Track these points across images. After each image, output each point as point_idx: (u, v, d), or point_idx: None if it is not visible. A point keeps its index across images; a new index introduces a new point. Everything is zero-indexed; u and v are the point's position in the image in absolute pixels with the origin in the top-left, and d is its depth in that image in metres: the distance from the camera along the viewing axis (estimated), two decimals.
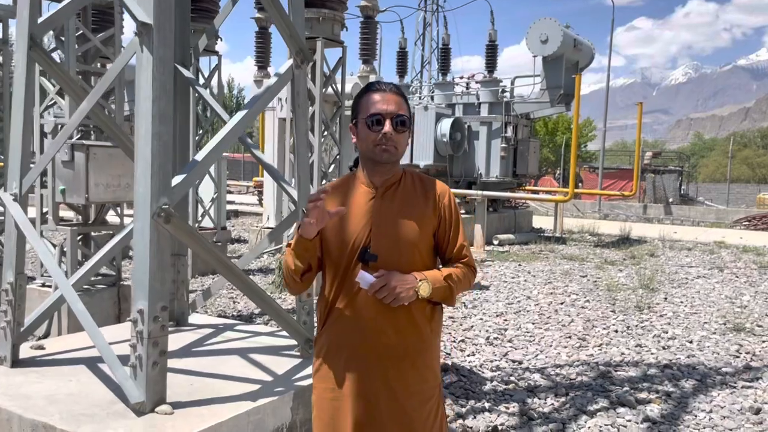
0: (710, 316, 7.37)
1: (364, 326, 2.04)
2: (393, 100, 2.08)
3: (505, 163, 14.90)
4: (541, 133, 40.74)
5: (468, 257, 2.15)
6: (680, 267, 11.39)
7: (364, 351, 2.05)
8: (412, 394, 2.06)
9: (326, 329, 2.13)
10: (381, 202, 2.09)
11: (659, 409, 4.36)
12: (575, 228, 17.69)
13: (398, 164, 2.17)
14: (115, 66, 3.39)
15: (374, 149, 2.07)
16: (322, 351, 2.13)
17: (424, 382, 2.09)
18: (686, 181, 37.07)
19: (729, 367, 5.40)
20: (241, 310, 7.23)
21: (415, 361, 2.07)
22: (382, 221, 2.07)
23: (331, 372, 2.09)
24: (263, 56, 12.36)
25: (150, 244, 3.04)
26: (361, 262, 2.03)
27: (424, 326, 2.09)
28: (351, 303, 2.06)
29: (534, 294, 8.48)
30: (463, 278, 2.10)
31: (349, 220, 2.07)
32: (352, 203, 2.10)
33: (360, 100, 2.12)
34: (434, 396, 2.12)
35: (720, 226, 21.98)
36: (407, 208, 2.10)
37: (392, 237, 2.05)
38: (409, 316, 2.05)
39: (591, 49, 15.56)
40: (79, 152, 5.53)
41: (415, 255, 2.08)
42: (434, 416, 2.10)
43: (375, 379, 2.04)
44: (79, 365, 3.74)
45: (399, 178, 2.15)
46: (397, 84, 2.18)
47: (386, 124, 2.04)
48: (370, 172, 2.13)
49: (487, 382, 4.84)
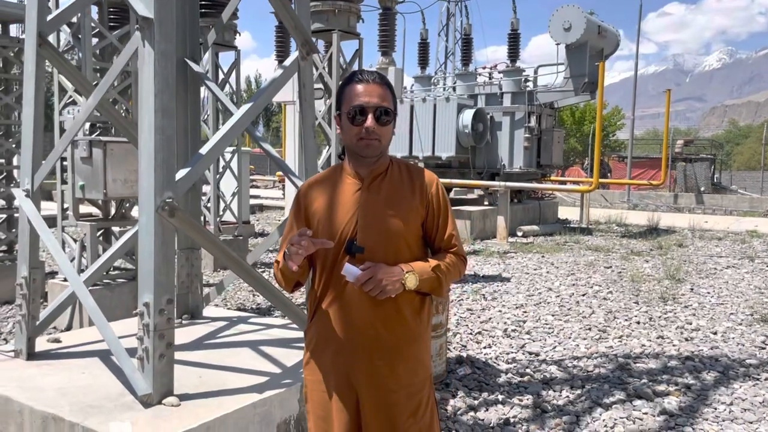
0: (737, 307, 7.19)
1: (351, 319, 2.02)
2: (375, 92, 2.02)
3: (529, 154, 14.72)
4: (568, 123, 40.15)
5: (457, 246, 2.11)
6: (709, 257, 11.14)
7: (352, 344, 2.02)
8: (401, 387, 2.03)
9: (315, 322, 2.11)
10: (367, 193, 2.06)
11: (677, 402, 4.26)
12: (602, 219, 17.42)
13: (385, 154, 2.13)
14: (118, 61, 3.42)
15: (357, 143, 2.03)
16: (311, 344, 2.12)
17: (413, 375, 2.06)
18: (719, 169, 36.21)
19: (753, 358, 5.26)
20: (260, 303, 7.27)
21: (404, 354, 2.04)
22: (368, 213, 2.03)
23: (320, 365, 2.08)
24: (283, 50, 12.40)
25: (155, 238, 3.06)
26: (348, 254, 2.01)
27: (412, 318, 2.06)
28: (339, 296, 2.04)
29: (556, 285, 8.37)
30: (452, 268, 2.06)
31: (335, 212, 2.05)
32: (338, 195, 2.07)
33: (342, 92, 2.07)
34: (424, 388, 2.09)
35: (753, 215, 21.43)
36: (394, 198, 2.06)
37: (379, 228, 2.02)
38: (396, 309, 2.02)
39: (616, 36, 15.26)
40: (97, 148, 5.61)
41: (402, 246, 2.04)
42: (424, 408, 2.07)
43: (362, 372, 2.02)
44: (93, 358, 3.79)
45: (386, 168, 2.11)
46: (380, 73, 2.13)
47: (368, 117, 1.99)
48: (356, 164, 2.10)
49: (502, 375, 4.79)
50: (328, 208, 2.06)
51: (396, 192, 2.07)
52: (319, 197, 2.10)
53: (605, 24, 14.72)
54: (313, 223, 2.08)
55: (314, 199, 2.10)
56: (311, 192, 2.13)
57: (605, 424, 3.92)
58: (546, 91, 14.93)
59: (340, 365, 2.04)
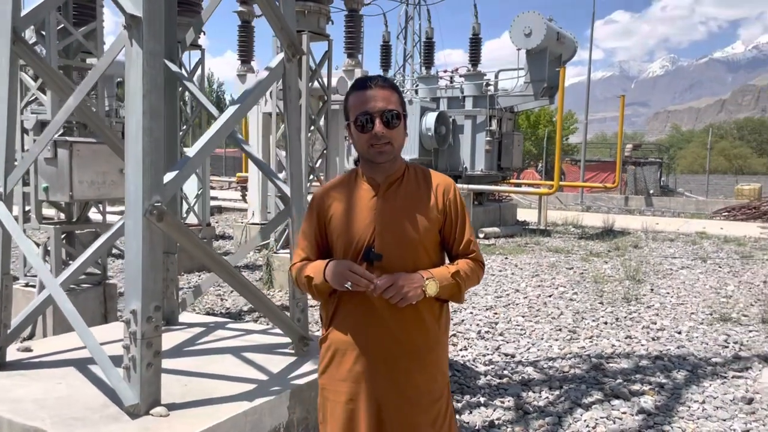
0: (696, 307, 7.43)
1: (371, 327, 2.00)
2: (381, 96, 2.00)
3: (490, 157, 14.91)
4: (523, 126, 40.90)
5: (476, 252, 2.11)
6: (664, 258, 11.49)
7: (372, 352, 2.00)
8: (422, 394, 2.02)
9: (332, 329, 2.08)
10: (384, 199, 2.04)
11: (653, 401, 4.37)
12: (559, 220, 17.79)
13: (399, 159, 2.12)
14: (102, 61, 3.30)
15: (369, 150, 2.01)
16: (328, 352, 2.08)
17: (433, 381, 2.05)
18: (666, 172, 37.42)
19: (718, 357, 5.44)
20: (229, 308, 7.15)
21: (424, 361, 2.03)
22: (385, 219, 2.02)
23: (338, 372, 2.05)
24: (246, 50, 12.23)
25: (143, 243, 2.97)
26: (366, 261, 1.99)
27: (432, 324, 2.05)
28: (358, 303, 2.01)
29: (522, 287, 8.50)
30: (471, 274, 2.06)
31: (353, 220, 2.02)
32: (354, 202, 2.05)
33: (348, 101, 2.06)
34: (444, 395, 2.08)
35: (700, 217, 22.24)
36: (411, 204, 2.05)
37: (397, 235, 2.00)
38: (417, 315, 2.01)
39: (574, 42, 15.61)
40: (63, 149, 5.41)
41: (421, 252, 2.03)
42: (444, 415, 2.06)
43: (384, 379, 2.00)
44: (68, 367, 3.65)
45: (402, 173, 2.10)
46: (383, 76, 2.12)
47: (376, 123, 1.98)
48: (371, 170, 2.08)
49: (481, 377, 4.83)
50: (344, 216, 2.03)
51: (413, 198, 2.05)
52: (334, 204, 2.07)
53: (563, 30, 15.04)
54: (330, 230, 2.05)
55: (330, 206, 2.07)
56: (327, 199, 2.10)
57: (587, 425, 3.99)
58: (506, 95, 15.15)
59: (359, 373, 2.01)
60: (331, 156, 8.50)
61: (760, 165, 57.93)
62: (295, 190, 3.98)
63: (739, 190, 28.28)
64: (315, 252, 2.11)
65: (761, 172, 52.12)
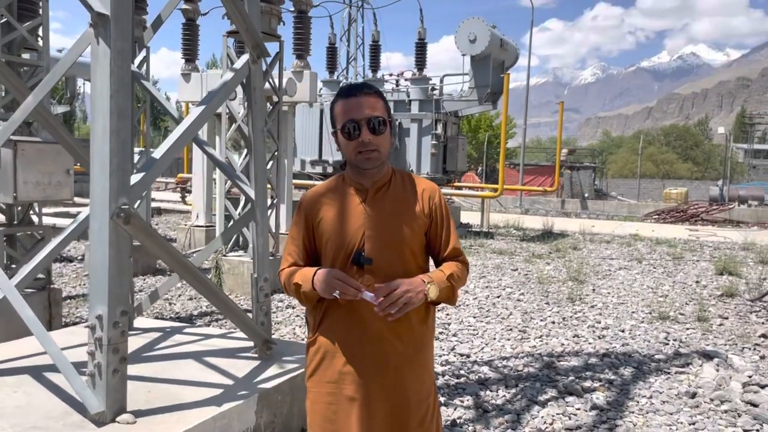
0: (636, 306, 7.77)
1: (361, 330, 2.02)
2: (365, 103, 2.02)
3: (436, 160, 15.13)
4: (465, 131, 41.61)
5: (462, 255, 2.17)
6: (602, 259, 11.94)
7: (361, 354, 2.03)
8: (410, 394, 2.06)
9: (321, 334, 2.09)
10: (372, 204, 2.08)
11: (604, 397, 4.56)
12: (501, 223, 18.20)
13: (386, 164, 2.16)
14: (65, 60, 3.20)
15: (356, 157, 2.04)
16: (317, 355, 2.09)
17: (421, 382, 2.09)
18: (599, 176, 38.84)
19: (661, 354, 5.72)
20: (179, 312, 7.00)
21: (412, 362, 2.08)
22: (374, 224, 2.05)
23: (327, 376, 2.07)
24: (191, 49, 11.98)
25: (109, 246, 2.90)
26: (356, 265, 2.02)
27: (420, 327, 2.09)
28: (347, 308, 2.03)
29: (471, 288, 8.66)
30: (461, 275, 2.12)
31: (342, 224, 2.05)
32: (343, 207, 2.07)
33: (333, 110, 2.09)
34: (431, 395, 2.13)
35: (632, 219, 23.19)
36: (399, 209, 2.09)
37: (385, 239, 2.04)
38: (406, 319, 2.04)
39: (516, 49, 16.02)
40: (6, 148, 5.18)
41: (409, 256, 2.08)
42: (431, 414, 2.11)
43: (373, 381, 2.03)
44: (23, 375, 3.52)
45: (389, 178, 2.14)
46: (368, 83, 2.16)
47: (363, 130, 2.01)
48: (359, 176, 2.11)
49: (439, 377, 4.91)
50: (333, 220, 2.06)
51: (400, 202, 2.10)
52: (323, 209, 2.09)
53: (506, 37, 15.41)
54: (319, 234, 2.07)
55: (319, 211, 2.09)
56: (315, 204, 2.11)
57: (544, 421, 4.12)
58: (451, 99, 15.40)
59: (348, 375, 2.04)
60: (281, 158, 8.44)
61: (684, 170, 60.91)
62: (259, 192, 3.96)
63: (668, 194, 29.66)
64: (303, 257, 2.12)
65: (686, 176, 54.84)
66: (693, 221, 21.92)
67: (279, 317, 6.81)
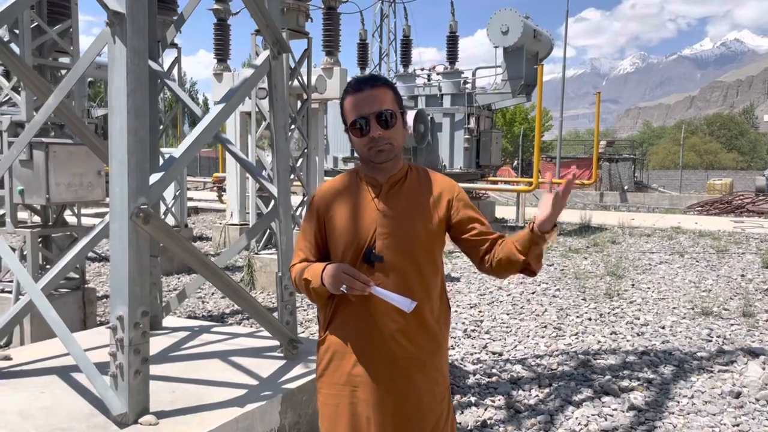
0: (678, 301, 7.51)
1: (372, 330, 1.95)
2: (373, 97, 1.95)
3: (469, 155, 14.94)
4: (499, 124, 41.16)
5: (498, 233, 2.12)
6: (642, 253, 11.61)
7: (372, 355, 1.95)
8: (423, 397, 1.98)
9: (331, 333, 2.02)
10: (386, 200, 2.00)
11: (642, 397, 4.39)
12: None
13: (400, 159, 2.08)
14: (83, 59, 3.19)
15: (369, 152, 1.98)
16: (327, 354, 2.02)
17: (435, 385, 2.01)
18: (639, 168, 37.94)
19: (703, 351, 5.49)
20: (211, 311, 7.03)
21: (425, 364, 1.99)
22: (386, 221, 1.97)
23: (337, 377, 1.99)
24: (222, 49, 12.06)
25: (129, 247, 2.88)
26: (366, 263, 1.94)
27: (433, 326, 2.01)
28: (358, 306, 1.96)
29: (505, 284, 8.51)
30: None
31: (353, 221, 1.97)
32: (355, 203, 2.00)
33: (342, 107, 2.03)
34: (445, 398, 2.04)
35: (674, 212, 22.56)
36: (413, 205, 2.00)
37: (398, 236, 1.96)
38: (419, 319, 1.96)
39: (550, 40, 15.70)
40: (38, 150, 5.26)
41: (422, 253, 1.99)
42: (445, 418, 2.02)
43: (384, 383, 1.95)
44: (51, 376, 3.54)
45: (404, 173, 2.05)
46: (376, 75, 2.08)
47: (372, 126, 1.94)
48: (373, 170, 2.03)
49: (470, 376, 4.80)
50: (345, 216, 1.98)
51: (415, 199, 2.01)
52: (335, 204, 2.02)
53: (540, 28, 15.12)
54: (330, 230, 2.00)
55: (330, 206, 2.02)
56: (327, 199, 2.04)
57: (579, 422, 3.98)
58: (484, 93, 15.19)
59: (358, 376, 1.96)
60: (311, 155, 8.41)
61: (729, 160, 59.04)
62: (282, 191, 3.92)
63: (711, 185, 28.79)
64: (315, 252, 2.05)
65: (731, 167, 53.13)
66: (738, 213, 21.20)
67: (309, 315, 6.77)
